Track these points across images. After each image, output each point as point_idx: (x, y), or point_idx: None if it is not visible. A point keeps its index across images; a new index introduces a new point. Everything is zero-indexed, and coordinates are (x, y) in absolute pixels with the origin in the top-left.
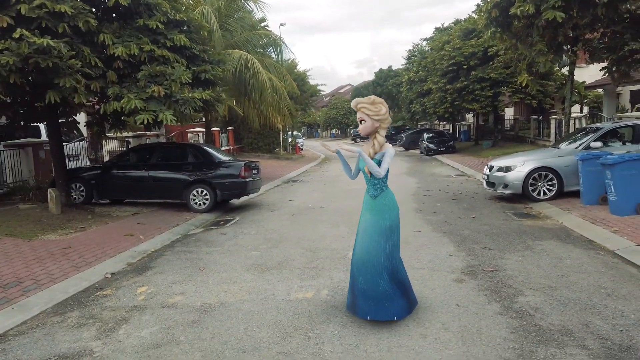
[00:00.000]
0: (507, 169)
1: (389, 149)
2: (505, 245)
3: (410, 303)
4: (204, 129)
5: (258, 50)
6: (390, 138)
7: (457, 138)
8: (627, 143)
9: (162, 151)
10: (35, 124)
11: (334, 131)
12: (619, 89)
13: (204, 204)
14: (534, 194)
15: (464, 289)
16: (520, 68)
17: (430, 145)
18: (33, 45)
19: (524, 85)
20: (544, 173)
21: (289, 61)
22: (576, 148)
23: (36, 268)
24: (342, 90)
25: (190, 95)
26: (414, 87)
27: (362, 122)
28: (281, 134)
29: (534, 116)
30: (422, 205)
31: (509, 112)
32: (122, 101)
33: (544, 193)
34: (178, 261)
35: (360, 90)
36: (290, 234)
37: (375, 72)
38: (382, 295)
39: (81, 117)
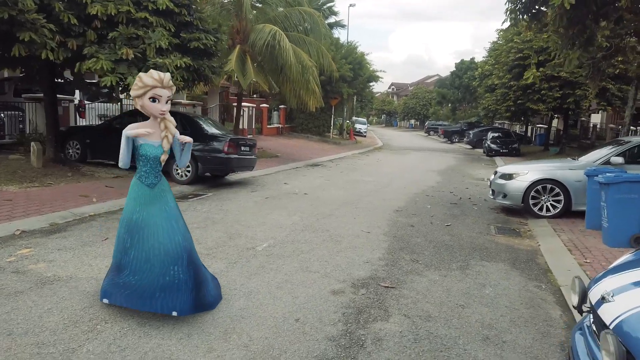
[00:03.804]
0: (509, 177)
1: (177, 134)
2: (440, 261)
3: (198, 302)
4: (254, 104)
5: (307, 26)
6: (461, 134)
7: (532, 141)
8: None
9: None
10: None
11: (412, 121)
12: None
13: (186, 175)
14: (535, 209)
15: (328, 303)
16: (529, 62)
17: (492, 146)
18: None
19: (529, 82)
20: (549, 186)
21: (348, 44)
22: (594, 162)
23: None
24: (428, 81)
25: (162, 61)
26: (484, 81)
27: (170, 101)
28: (332, 117)
29: (611, 125)
30: (411, 205)
31: (596, 119)
32: (90, 61)
33: (547, 209)
34: (96, 228)
35: (444, 82)
36: (236, 216)
37: (455, 63)
38: (168, 284)
39: None
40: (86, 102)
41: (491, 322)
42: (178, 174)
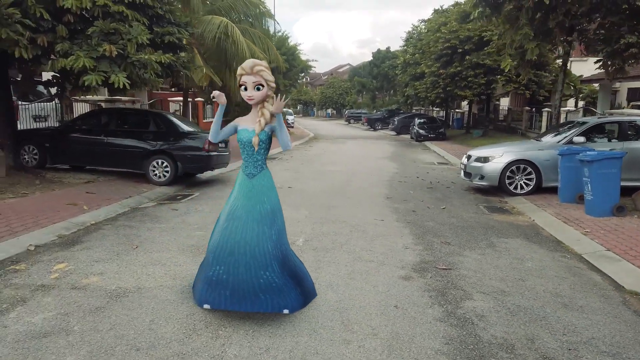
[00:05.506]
0: (485, 160)
1: (281, 120)
2: (467, 241)
3: (306, 295)
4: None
5: (243, 19)
6: (384, 121)
7: (450, 125)
8: (613, 140)
9: (122, 117)
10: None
11: (329, 111)
12: (617, 85)
13: (164, 176)
14: (511, 188)
15: (408, 288)
16: (505, 52)
17: (421, 131)
18: None
19: (506, 70)
20: (522, 166)
21: (279, 34)
22: (558, 142)
23: None
24: (341, 70)
25: (146, 57)
26: (408, 69)
27: (260, 87)
28: None
29: (527, 107)
30: (394, 192)
31: (505, 102)
32: (69, 59)
33: (521, 187)
34: (114, 236)
35: (358, 71)
36: None
37: (373, 53)
38: (265, 288)
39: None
40: (20, 103)
41: (555, 290)
42: (156, 175)
